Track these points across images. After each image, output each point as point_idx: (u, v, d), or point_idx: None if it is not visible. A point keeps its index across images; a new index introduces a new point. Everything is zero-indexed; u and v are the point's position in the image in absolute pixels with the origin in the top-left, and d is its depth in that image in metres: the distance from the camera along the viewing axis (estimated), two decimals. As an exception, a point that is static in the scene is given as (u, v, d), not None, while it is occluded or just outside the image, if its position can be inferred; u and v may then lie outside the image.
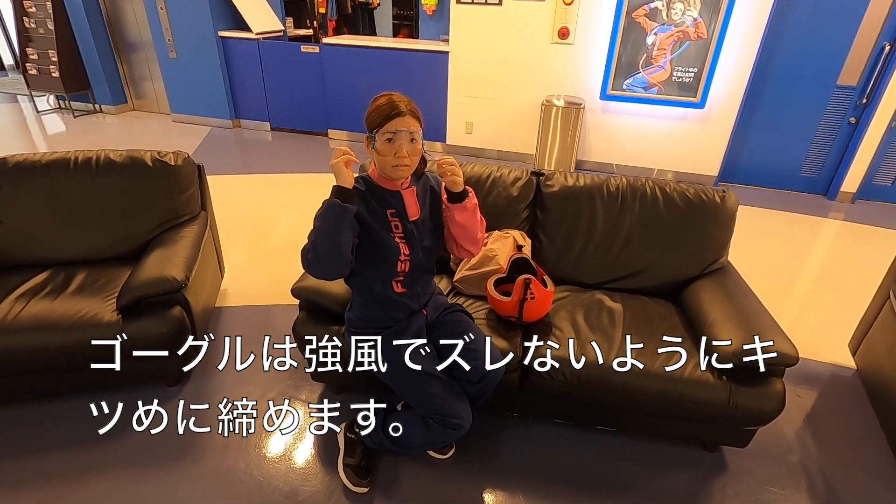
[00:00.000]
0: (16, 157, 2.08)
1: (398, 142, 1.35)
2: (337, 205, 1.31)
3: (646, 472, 1.74)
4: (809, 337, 2.48)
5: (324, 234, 1.32)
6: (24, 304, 1.79)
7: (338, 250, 1.33)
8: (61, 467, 1.67)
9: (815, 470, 1.78)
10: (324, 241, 1.32)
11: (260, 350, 2.21)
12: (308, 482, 1.65)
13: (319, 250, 1.33)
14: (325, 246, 1.33)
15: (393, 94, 1.39)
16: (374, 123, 1.36)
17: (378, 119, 1.35)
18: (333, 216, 1.32)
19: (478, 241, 1.56)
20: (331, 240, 1.32)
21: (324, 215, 1.33)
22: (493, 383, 1.57)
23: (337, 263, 1.35)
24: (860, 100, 4.03)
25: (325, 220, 1.32)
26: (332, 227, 1.32)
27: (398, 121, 1.34)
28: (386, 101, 1.36)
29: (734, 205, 2.01)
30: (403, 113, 1.35)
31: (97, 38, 5.69)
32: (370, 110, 1.38)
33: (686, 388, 1.59)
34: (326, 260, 1.34)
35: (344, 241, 1.33)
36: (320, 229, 1.33)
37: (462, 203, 1.46)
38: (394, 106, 1.35)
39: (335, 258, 1.34)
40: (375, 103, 1.38)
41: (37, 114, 6.02)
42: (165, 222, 2.19)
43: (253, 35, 5.16)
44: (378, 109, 1.36)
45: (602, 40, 4.25)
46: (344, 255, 1.34)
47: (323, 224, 1.33)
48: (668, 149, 4.55)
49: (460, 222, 1.49)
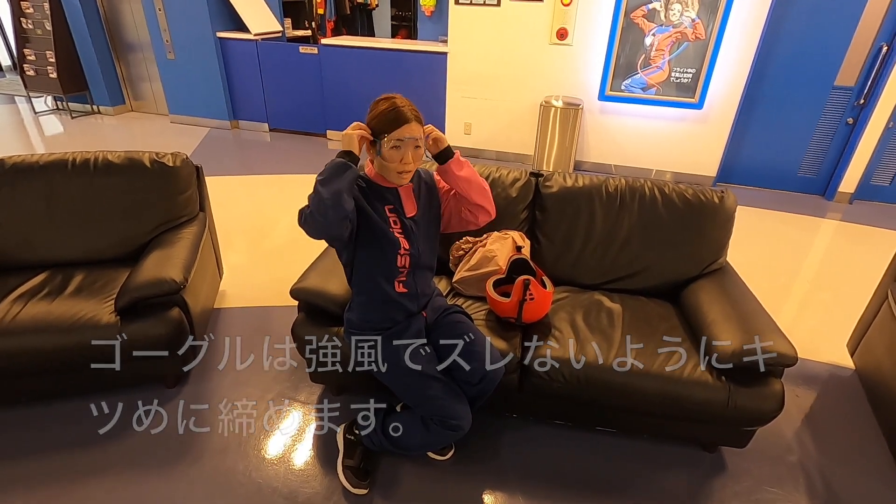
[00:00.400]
0: (13, 158, 2.08)
1: (404, 149, 1.36)
2: (343, 162, 1.32)
3: (645, 472, 1.74)
4: (808, 337, 2.49)
5: (328, 185, 1.29)
6: (23, 306, 1.79)
7: (340, 201, 1.30)
8: (61, 469, 1.66)
9: (813, 470, 1.78)
10: (327, 191, 1.29)
11: (259, 351, 2.22)
12: (307, 484, 1.65)
13: (322, 200, 1.28)
14: (329, 195, 1.28)
15: (396, 99, 1.38)
16: (379, 129, 1.36)
17: (384, 125, 1.35)
18: (338, 167, 1.31)
19: (487, 192, 1.57)
20: (334, 190, 1.29)
21: (329, 169, 1.32)
22: (492, 384, 1.57)
23: (338, 215, 1.31)
24: (857, 100, 4.04)
25: (330, 173, 1.31)
26: (336, 178, 1.30)
27: (405, 129, 1.35)
28: (391, 108, 1.35)
29: (733, 205, 2.01)
30: (410, 120, 1.35)
31: (95, 38, 5.68)
32: (374, 115, 1.38)
33: (685, 389, 1.60)
34: (329, 210, 1.29)
35: (346, 196, 1.32)
36: (325, 181, 1.30)
37: (454, 157, 1.49)
38: (400, 113, 1.35)
39: (337, 209, 1.30)
40: (379, 109, 1.37)
41: (34, 115, 6.01)
42: (164, 223, 2.19)
43: (251, 36, 5.15)
44: (384, 116, 1.35)
45: (600, 41, 4.26)
46: (346, 207, 1.32)
47: (327, 175, 1.31)
48: (666, 149, 4.55)
49: (464, 176, 1.50)
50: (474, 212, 1.59)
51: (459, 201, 1.58)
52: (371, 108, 1.40)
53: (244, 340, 2.29)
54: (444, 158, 1.49)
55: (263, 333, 2.34)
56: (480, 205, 1.57)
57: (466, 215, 1.60)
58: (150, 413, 1.89)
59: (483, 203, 1.57)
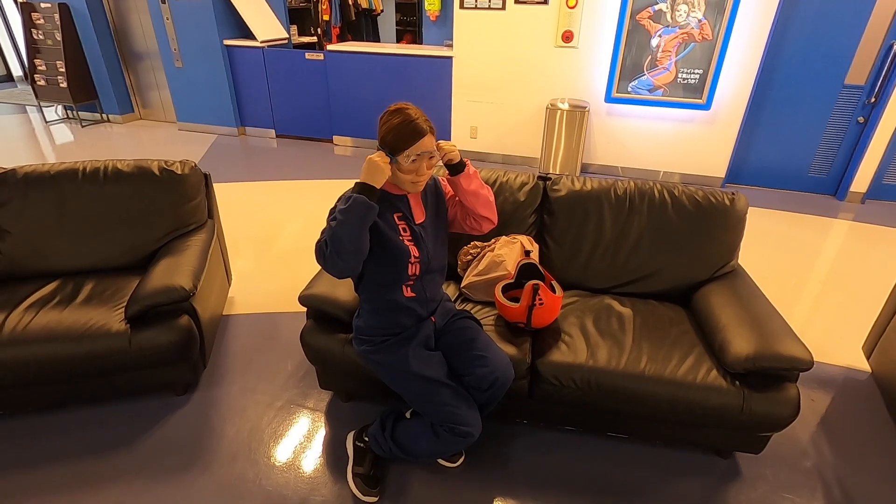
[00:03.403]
0: (25, 168, 2.10)
1: (420, 162, 1.37)
2: (365, 201, 1.30)
3: (658, 478, 1.72)
4: (822, 340, 2.45)
5: (348, 228, 1.29)
6: (34, 315, 1.80)
7: (360, 246, 1.33)
8: (72, 477, 1.67)
9: (830, 475, 1.75)
10: (347, 236, 1.30)
11: (268, 358, 2.22)
12: (317, 491, 1.64)
13: (342, 245, 1.30)
14: (349, 240, 1.30)
15: (409, 111, 1.36)
16: (396, 146, 1.35)
17: (402, 141, 1.34)
18: (360, 212, 1.30)
19: (492, 204, 1.60)
20: (354, 235, 1.30)
21: (350, 210, 1.30)
22: (502, 390, 1.56)
23: (356, 259, 1.34)
24: (868, 99, 3.99)
25: (350, 214, 1.29)
26: (357, 223, 1.30)
27: (422, 143, 1.35)
28: (406, 122, 1.34)
29: (744, 207, 1.99)
30: (426, 133, 1.36)
31: (104, 48, 5.75)
32: (388, 130, 1.36)
33: (699, 394, 1.57)
34: (348, 255, 1.32)
35: (365, 237, 1.33)
36: (345, 223, 1.29)
37: (465, 171, 1.50)
38: (416, 128, 1.34)
39: (357, 254, 1.33)
40: (393, 123, 1.35)
41: (45, 124, 6.09)
42: (173, 231, 2.20)
43: (258, 43, 5.19)
44: (399, 131, 1.34)
45: (606, 43, 4.24)
46: (364, 250, 1.35)
47: (348, 218, 1.30)
48: (674, 151, 4.52)
49: (472, 190, 1.52)
50: (478, 221, 1.60)
51: (465, 209, 1.59)
52: (383, 121, 1.38)
53: (253, 347, 2.30)
54: (455, 171, 1.50)
55: (272, 340, 2.34)
56: (485, 216, 1.59)
57: (471, 223, 1.62)
58: (159, 421, 1.89)
59: (488, 214, 1.59)
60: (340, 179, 4.51)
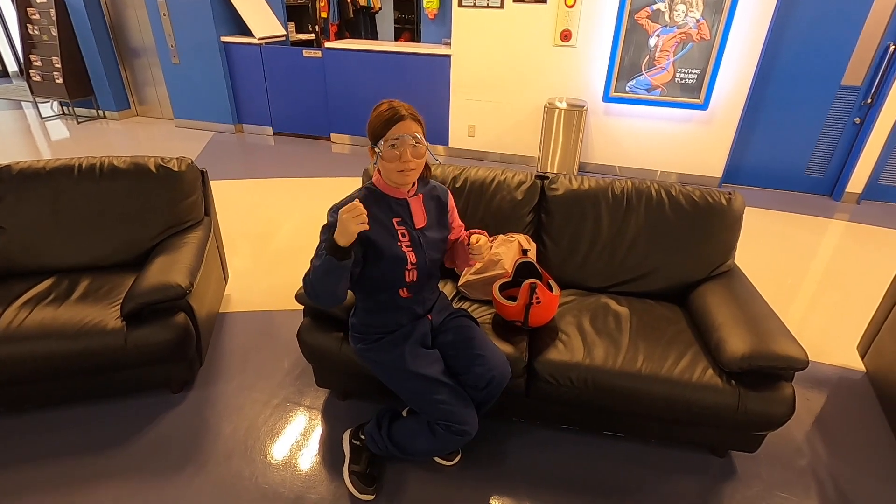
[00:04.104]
0: (20, 164, 2.09)
1: (402, 147, 1.36)
2: (335, 263, 1.30)
3: (654, 477, 1.73)
4: (817, 339, 2.47)
5: (322, 280, 1.35)
6: (29, 312, 1.79)
7: (335, 294, 1.37)
8: (68, 474, 1.66)
9: (825, 474, 1.76)
10: (321, 286, 1.36)
11: (264, 356, 2.22)
12: (313, 489, 1.64)
13: (320, 291, 1.37)
14: (324, 289, 1.36)
15: (393, 101, 1.40)
16: (376, 132, 1.37)
17: (380, 127, 1.36)
18: (332, 272, 1.32)
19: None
20: (328, 286, 1.35)
21: (322, 269, 1.32)
22: (499, 389, 1.56)
23: (335, 300, 1.40)
24: (865, 100, 4.01)
25: (323, 273, 1.33)
26: (331, 278, 1.33)
27: (400, 126, 1.35)
28: (386, 108, 1.37)
29: (741, 207, 1.99)
30: (405, 117, 1.35)
31: (100, 44, 5.72)
32: (371, 119, 1.39)
33: (694, 393, 1.58)
34: (327, 298, 1.39)
35: (342, 286, 1.37)
36: (320, 277, 1.34)
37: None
38: (394, 111, 1.36)
39: (334, 297, 1.39)
40: (376, 111, 1.40)
41: (41, 120, 6.05)
42: (169, 228, 2.19)
43: (255, 40, 5.17)
44: (379, 117, 1.37)
45: (604, 42, 4.25)
46: (341, 296, 1.39)
47: (320, 274, 1.33)
48: (671, 150, 4.53)
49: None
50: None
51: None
52: (370, 115, 1.41)
53: (250, 345, 2.29)
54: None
55: (269, 338, 2.34)
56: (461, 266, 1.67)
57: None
58: (155, 419, 1.89)
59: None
60: (338, 177, 4.50)
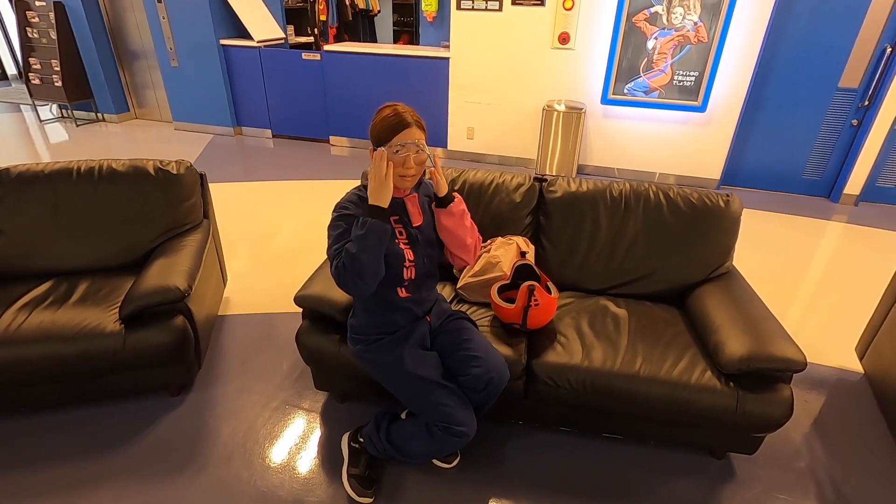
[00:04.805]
0: (19, 167, 2.09)
1: (405, 153, 1.37)
2: (379, 225, 1.31)
3: (652, 479, 1.73)
4: (815, 341, 2.47)
5: (367, 254, 1.31)
6: (27, 315, 1.79)
7: (378, 269, 1.36)
8: (65, 478, 1.66)
9: (823, 476, 1.76)
10: (367, 261, 1.32)
11: (263, 359, 2.22)
12: (312, 492, 1.64)
13: (364, 270, 1.32)
14: (369, 265, 1.32)
15: (397, 106, 1.39)
16: (381, 137, 1.37)
17: (385, 132, 1.36)
18: (376, 236, 1.31)
19: (468, 248, 1.55)
20: (374, 259, 1.33)
21: (366, 237, 1.31)
22: (497, 390, 1.56)
23: (376, 280, 1.37)
24: (862, 102, 4.02)
25: (368, 239, 1.31)
26: (375, 248, 1.32)
27: (405, 133, 1.36)
28: (392, 114, 1.37)
29: (738, 209, 2.00)
30: (410, 124, 1.36)
31: (99, 47, 5.73)
32: (376, 123, 1.39)
33: (693, 395, 1.58)
34: (369, 279, 1.35)
35: (382, 259, 1.36)
36: (364, 249, 1.31)
37: (447, 208, 1.48)
38: (400, 118, 1.36)
39: (377, 276, 1.36)
40: (381, 115, 1.39)
41: (40, 123, 6.05)
42: (168, 231, 2.19)
43: (254, 43, 5.18)
44: (385, 122, 1.37)
45: (603, 45, 4.26)
46: (382, 271, 1.38)
47: (365, 245, 1.31)
48: (669, 152, 4.54)
49: (447, 227, 1.51)
50: (451, 256, 1.59)
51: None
52: (374, 118, 1.41)
53: (248, 348, 2.29)
54: (439, 203, 1.49)
55: (268, 340, 2.34)
56: (457, 255, 1.57)
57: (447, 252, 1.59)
58: (154, 421, 1.89)
59: (460, 255, 1.56)
60: (337, 180, 4.51)
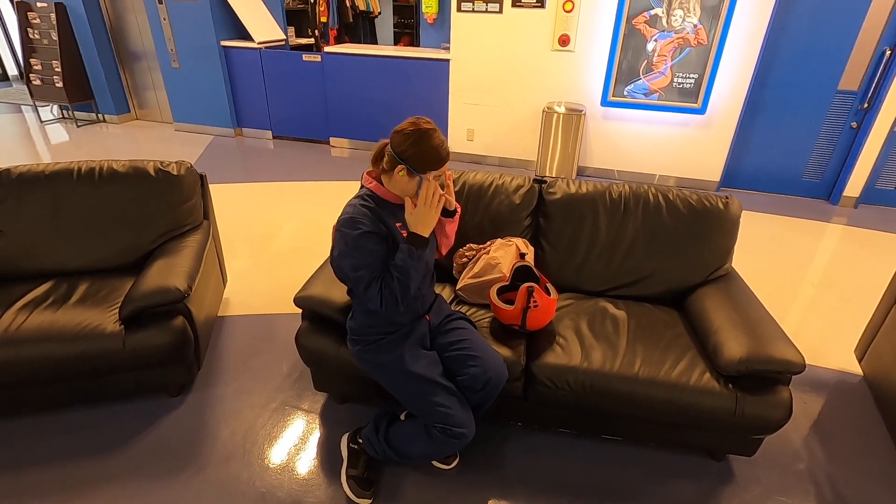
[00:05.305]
0: (19, 167, 2.09)
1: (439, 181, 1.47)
2: (422, 255, 1.43)
3: (652, 481, 1.73)
4: (814, 343, 2.47)
5: (414, 280, 1.43)
6: (27, 315, 1.79)
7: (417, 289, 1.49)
8: (65, 478, 1.66)
9: (822, 478, 1.76)
10: (416, 284, 1.45)
11: (263, 360, 2.22)
12: (311, 493, 1.64)
13: (409, 293, 1.44)
14: (413, 288, 1.44)
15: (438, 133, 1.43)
16: (426, 163, 1.40)
17: (433, 163, 1.41)
18: (418, 265, 1.43)
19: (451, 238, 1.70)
20: (417, 284, 1.45)
21: (418, 266, 1.42)
22: (495, 391, 1.57)
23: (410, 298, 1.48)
24: (861, 104, 4.03)
25: (418, 270, 1.43)
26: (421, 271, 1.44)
27: (445, 167, 1.45)
28: (441, 144, 1.41)
29: (738, 211, 2.00)
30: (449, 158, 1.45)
31: (100, 48, 5.74)
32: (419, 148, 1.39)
33: (692, 397, 1.58)
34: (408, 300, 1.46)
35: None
36: (412, 277, 1.42)
37: (453, 217, 1.62)
38: (447, 153, 1.43)
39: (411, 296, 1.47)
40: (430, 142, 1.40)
41: (40, 124, 6.06)
42: (168, 232, 2.19)
43: (255, 44, 5.19)
44: (435, 153, 1.40)
45: (602, 47, 4.27)
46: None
47: (414, 273, 1.42)
48: (669, 155, 4.55)
49: (448, 232, 1.63)
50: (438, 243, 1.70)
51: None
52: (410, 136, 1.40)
53: (248, 349, 2.29)
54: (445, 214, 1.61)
55: (267, 341, 2.34)
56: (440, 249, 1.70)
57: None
58: (154, 422, 1.89)
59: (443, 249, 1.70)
60: (337, 181, 4.51)
